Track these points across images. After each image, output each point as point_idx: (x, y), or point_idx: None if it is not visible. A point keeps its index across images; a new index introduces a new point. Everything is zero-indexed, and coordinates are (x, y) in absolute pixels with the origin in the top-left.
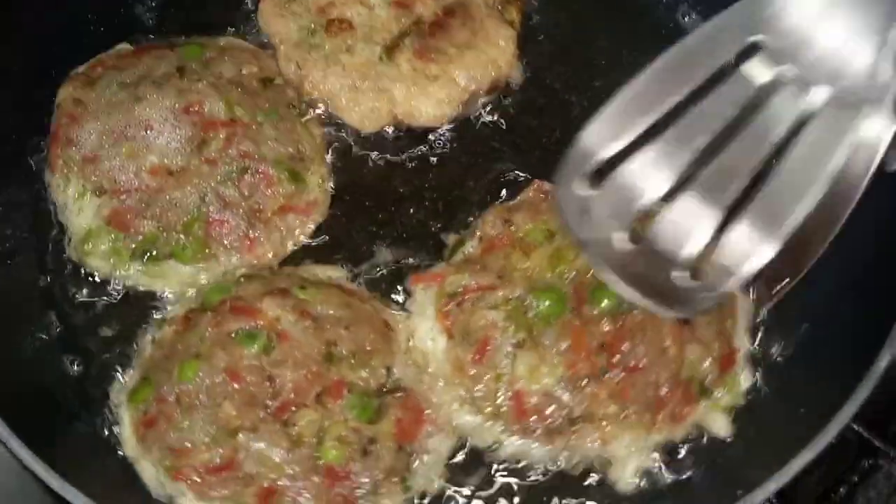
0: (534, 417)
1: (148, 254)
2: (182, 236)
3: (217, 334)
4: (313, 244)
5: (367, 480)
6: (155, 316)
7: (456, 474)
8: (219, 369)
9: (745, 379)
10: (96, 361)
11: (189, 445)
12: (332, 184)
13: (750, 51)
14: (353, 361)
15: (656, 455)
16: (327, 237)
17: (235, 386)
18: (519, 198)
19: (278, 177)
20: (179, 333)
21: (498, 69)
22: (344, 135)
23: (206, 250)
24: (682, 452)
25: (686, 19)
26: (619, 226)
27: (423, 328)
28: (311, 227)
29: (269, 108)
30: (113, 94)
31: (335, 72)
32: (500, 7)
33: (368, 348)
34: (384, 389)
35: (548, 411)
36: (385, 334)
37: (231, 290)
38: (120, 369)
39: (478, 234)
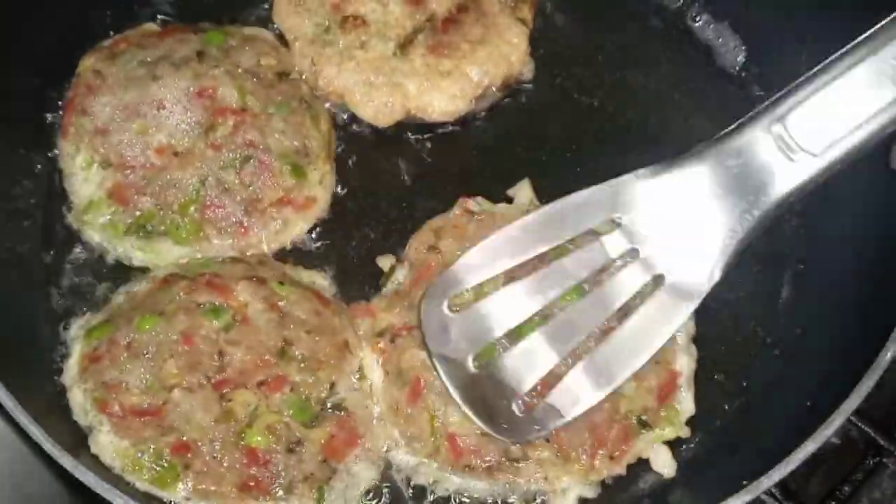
0: (471, 457)
1: (143, 230)
2: (178, 216)
3: (186, 301)
4: (307, 244)
5: (283, 476)
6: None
7: None
8: (176, 330)
9: (686, 407)
10: (70, 304)
11: (123, 385)
12: (336, 185)
13: (611, 225)
14: (302, 365)
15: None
16: (323, 241)
17: (185, 348)
18: (448, 215)
19: (280, 169)
20: (153, 291)
21: (510, 65)
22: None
23: (200, 232)
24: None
25: (697, 21)
26: (472, 349)
27: (366, 361)
28: (307, 223)
29: (280, 100)
30: (132, 70)
31: (349, 67)
32: (512, 4)
33: (321, 359)
34: (324, 404)
35: (484, 451)
36: (342, 352)
37: (213, 267)
38: (88, 312)
39: (406, 262)
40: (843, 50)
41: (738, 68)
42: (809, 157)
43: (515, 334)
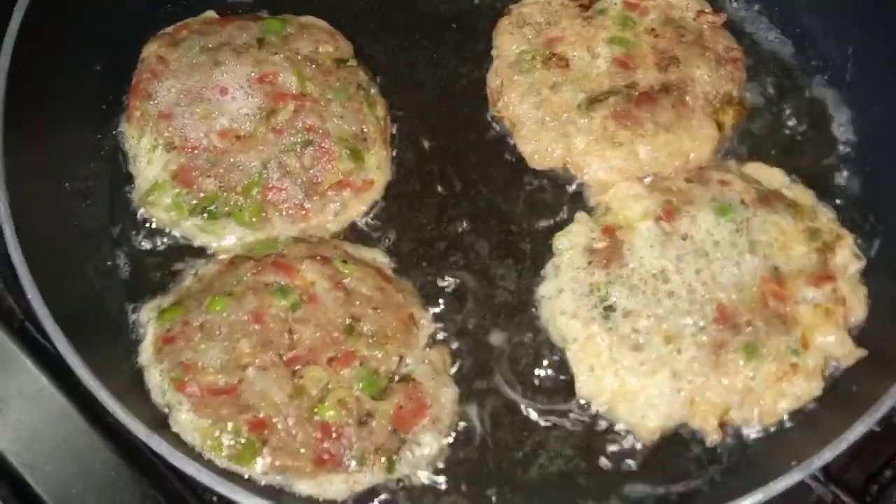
0: None
1: (206, 211)
2: (241, 198)
3: (254, 281)
4: (367, 224)
5: (356, 448)
6: (202, 259)
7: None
8: (246, 310)
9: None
10: (140, 286)
11: (199, 365)
12: (392, 168)
13: None
14: (370, 340)
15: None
16: (379, 222)
17: (257, 328)
18: None
19: (339, 153)
20: (221, 273)
21: (684, 162)
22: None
23: (262, 214)
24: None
25: None
26: None
27: None
28: (365, 206)
29: (339, 86)
30: (194, 56)
31: (532, 101)
32: (717, 105)
33: (388, 334)
34: (392, 376)
35: None
36: (408, 326)
37: (277, 248)
38: (159, 294)
39: None
40: None
41: None
42: None
43: None
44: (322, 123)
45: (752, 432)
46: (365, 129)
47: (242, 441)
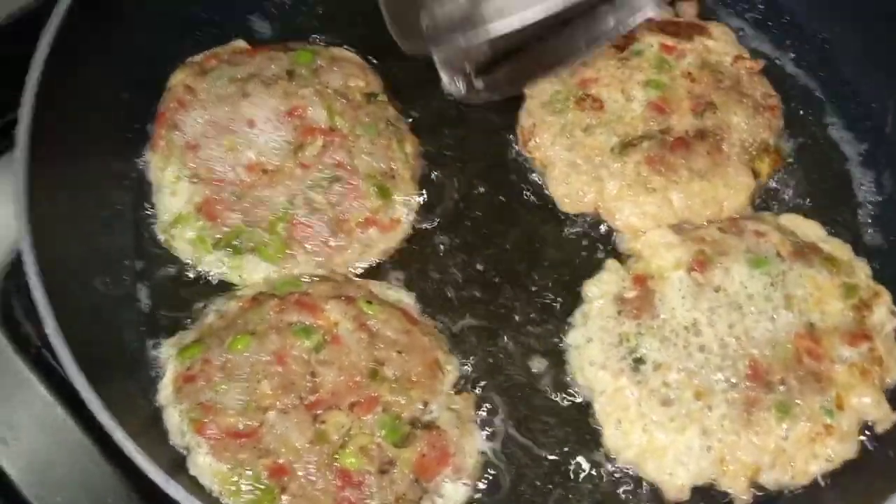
0: None
1: (230, 245)
2: (266, 233)
3: (277, 320)
4: (392, 264)
5: (376, 497)
6: (224, 295)
7: None
8: (268, 350)
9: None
10: (160, 321)
11: (219, 406)
12: (420, 207)
13: None
14: (394, 385)
15: None
16: (407, 260)
17: (279, 369)
18: None
19: (367, 190)
20: (243, 310)
21: (718, 210)
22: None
23: (287, 250)
24: None
25: None
26: None
27: None
28: (391, 244)
29: (368, 122)
30: (223, 87)
31: (564, 143)
32: (754, 153)
33: (413, 379)
34: (416, 423)
35: None
36: (433, 371)
37: (301, 286)
38: (179, 331)
39: None
40: None
41: None
42: None
43: None
44: (350, 160)
45: (784, 493)
46: (393, 167)
47: (261, 487)
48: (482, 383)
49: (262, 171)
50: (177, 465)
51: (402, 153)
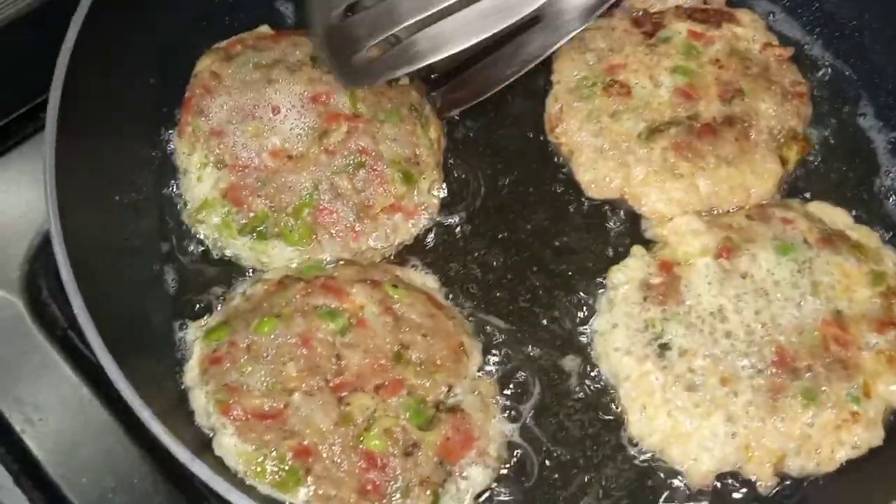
0: None
1: (256, 231)
2: (291, 219)
3: (303, 303)
4: (417, 249)
5: (400, 479)
6: (250, 278)
7: None
8: (294, 333)
9: None
10: (186, 303)
11: (245, 387)
12: (445, 193)
13: None
14: (419, 369)
15: None
16: (432, 245)
17: (304, 351)
18: None
19: (392, 176)
20: (269, 293)
21: (745, 197)
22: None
23: (313, 236)
24: None
25: None
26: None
27: None
28: (417, 230)
29: (391, 108)
30: (248, 73)
31: (591, 129)
32: (782, 140)
33: (438, 362)
34: (440, 406)
35: None
36: (458, 355)
37: (327, 270)
38: (206, 314)
39: None
40: None
41: None
42: None
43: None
44: (375, 146)
45: (807, 481)
46: (418, 152)
47: (286, 468)
48: (506, 367)
49: (287, 157)
50: (202, 445)
51: (426, 138)
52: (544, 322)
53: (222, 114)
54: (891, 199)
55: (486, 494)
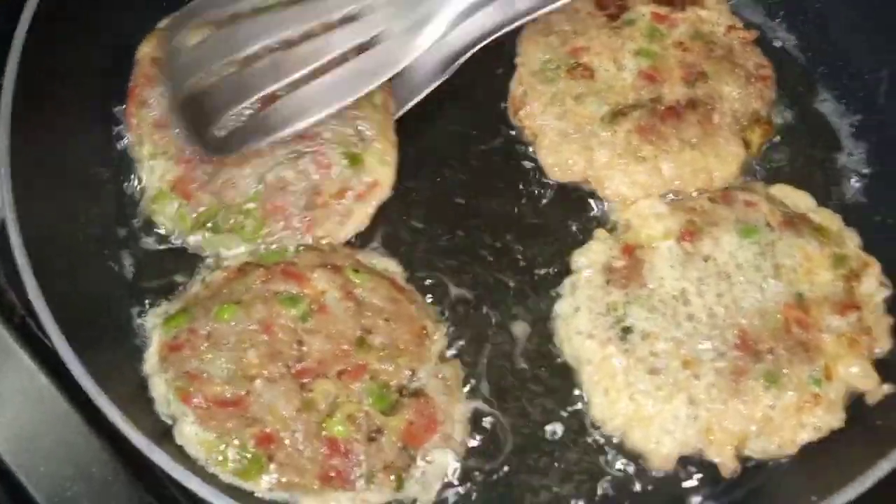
0: None
1: (209, 224)
2: (241, 215)
3: (263, 289)
4: (375, 232)
5: (364, 465)
6: (210, 265)
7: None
8: (255, 319)
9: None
10: (145, 290)
11: (205, 375)
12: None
13: None
14: (382, 353)
15: None
16: (386, 222)
17: (265, 338)
18: None
19: (336, 160)
20: (229, 280)
21: (709, 180)
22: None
23: (265, 229)
24: None
25: None
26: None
27: None
28: (371, 208)
29: None
30: None
31: (555, 112)
32: (745, 123)
33: (401, 346)
34: (404, 390)
35: None
36: (420, 339)
37: (288, 256)
38: (166, 300)
39: None
40: None
41: None
42: None
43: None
44: (314, 128)
45: (769, 463)
46: (360, 127)
47: (248, 456)
48: (469, 351)
49: None
50: (163, 433)
51: (370, 109)
52: (507, 306)
53: (163, 104)
54: (853, 182)
55: (455, 476)
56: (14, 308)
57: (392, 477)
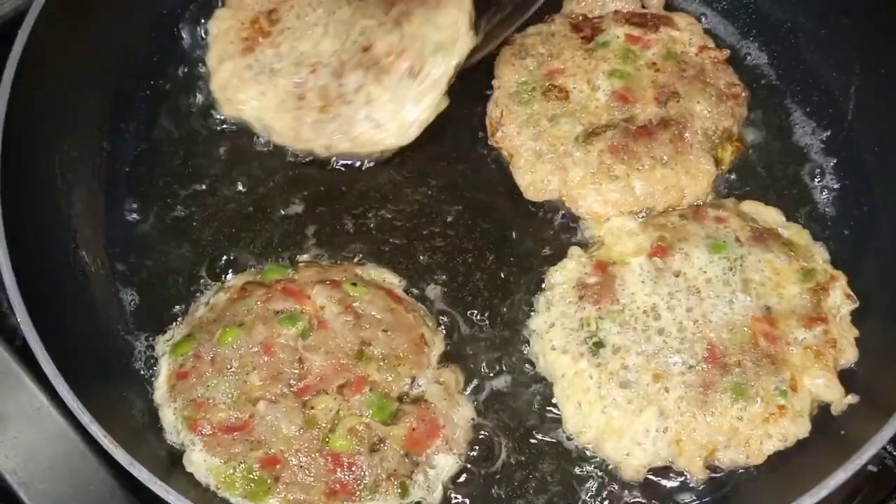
0: None
1: None
2: None
3: (263, 309)
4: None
5: (368, 476)
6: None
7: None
8: (256, 341)
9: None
10: (149, 315)
11: (211, 402)
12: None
13: None
14: (381, 364)
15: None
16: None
17: (267, 359)
18: None
19: None
20: (232, 301)
21: (680, 197)
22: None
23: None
24: None
25: None
26: None
27: None
28: None
29: None
30: None
31: (530, 133)
32: (717, 140)
33: (400, 355)
34: (405, 398)
35: None
36: (419, 346)
37: (288, 273)
38: (171, 326)
39: None
40: None
41: None
42: None
43: None
44: None
45: (737, 473)
46: None
47: (255, 479)
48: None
49: None
50: (173, 462)
51: None
52: (485, 321)
53: None
54: (822, 197)
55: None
56: (15, 331)
57: (396, 484)
